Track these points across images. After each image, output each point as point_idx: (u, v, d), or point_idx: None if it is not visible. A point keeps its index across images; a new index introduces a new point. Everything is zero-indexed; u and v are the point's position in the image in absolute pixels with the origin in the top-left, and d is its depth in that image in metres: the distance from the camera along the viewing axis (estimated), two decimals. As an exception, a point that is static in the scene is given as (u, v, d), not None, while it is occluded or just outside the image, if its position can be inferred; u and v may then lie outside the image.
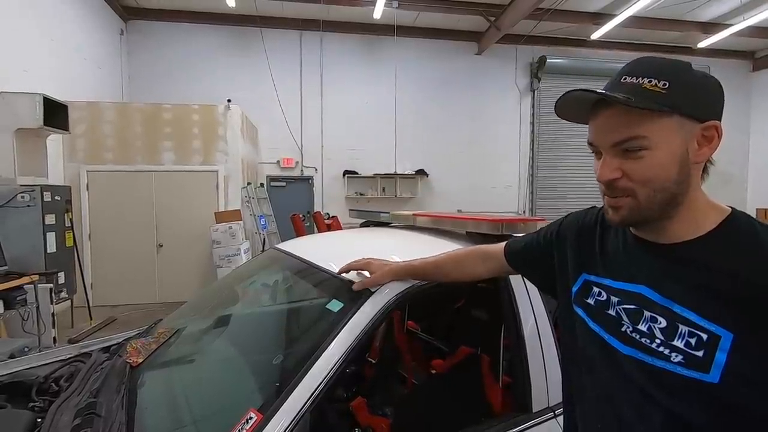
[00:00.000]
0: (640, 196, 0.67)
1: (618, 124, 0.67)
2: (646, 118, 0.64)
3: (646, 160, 0.65)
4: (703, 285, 0.64)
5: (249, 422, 0.91)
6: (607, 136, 0.68)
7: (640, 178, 0.66)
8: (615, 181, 0.68)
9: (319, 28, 8.33)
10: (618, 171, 0.67)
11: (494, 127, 9.34)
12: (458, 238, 1.60)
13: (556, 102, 0.73)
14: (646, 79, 0.65)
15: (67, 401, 1.35)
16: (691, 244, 0.68)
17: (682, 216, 0.68)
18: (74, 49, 6.20)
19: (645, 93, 0.64)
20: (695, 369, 0.63)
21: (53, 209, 4.53)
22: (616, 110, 0.67)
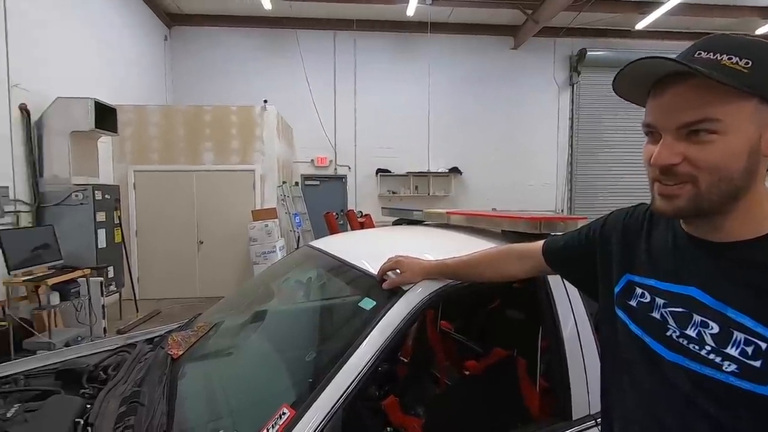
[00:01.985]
0: (702, 184, 0.60)
1: (690, 103, 0.59)
2: (723, 98, 0.57)
3: (715, 146, 0.58)
4: (763, 289, 0.58)
5: (282, 417, 0.92)
6: (675, 116, 0.60)
7: (705, 165, 0.59)
8: (674, 166, 0.60)
9: (352, 28, 8.38)
10: (679, 155, 0.60)
11: (531, 123, 9.09)
12: (493, 237, 1.56)
13: (617, 74, 0.65)
14: (726, 56, 0.57)
15: (113, 389, 1.42)
16: (750, 244, 0.61)
17: (741, 212, 0.62)
18: (122, 56, 6.55)
19: (724, 70, 0.56)
20: (750, 380, 0.57)
21: (104, 207, 4.81)
22: (689, 87, 0.59)
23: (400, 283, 1.16)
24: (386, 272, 1.21)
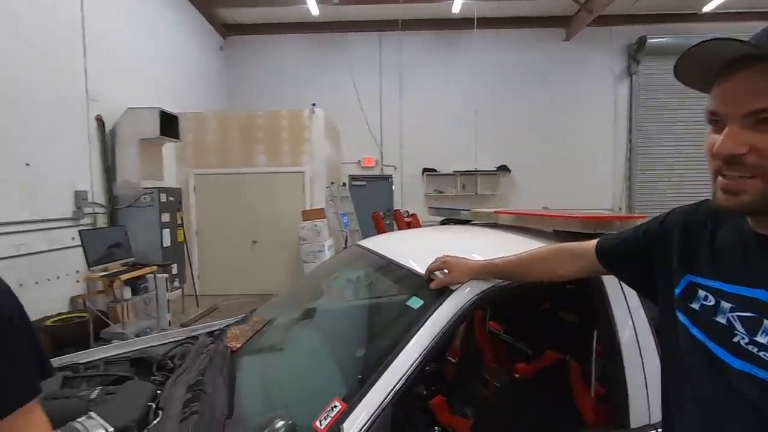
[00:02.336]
0: None
1: (759, 89, 0.54)
2: None
3: None
4: None
5: (334, 410, 0.96)
6: (742, 103, 0.56)
7: None
8: (740, 156, 0.56)
9: (398, 28, 8.42)
10: (745, 145, 0.56)
11: (585, 118, 8.67)
12: (544, 237, 1.52)
13: (679, 57, 0.60)
14: None
15: (179, 377, 1.53)
16: None
17: None
18: (182, 66, 7.00)
19: None
20: None
21: (168, 209, 5.17)
22: (759, 72, 0.54)
23: (448, 283, 1.16)
24: (433, 272, 1.22)
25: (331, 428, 0.92)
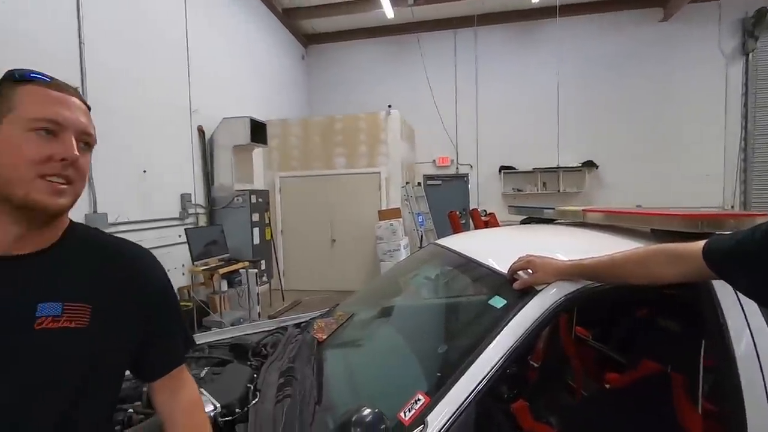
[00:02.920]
0: None
1: None
2: None
3: None
4: None
5: (417, 403, 0.98)
6: None
7: None
8: None
9: (473, 24, 8.25)
10: None
11: (687, 105, 7.75)
12: (639, 237, 1.41)
13: None
14: None
15: (273, 364, 1.67)
16: None
17: None
18: (268, 77, 7.53)
19: None
20: None
21: (257, 209, 5.61)
22: None
23: (533, 283, 1.13)
24: (517, 271, 1.19)
25: (415, 420, 0.94)
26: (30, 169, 0.67)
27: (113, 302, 0.77)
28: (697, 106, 7.74)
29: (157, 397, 0.91)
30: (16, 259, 0.70)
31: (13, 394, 0.66)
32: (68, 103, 0.72)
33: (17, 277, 0.70)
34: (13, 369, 0.66)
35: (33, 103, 0.69)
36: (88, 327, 0.72)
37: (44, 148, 0.68)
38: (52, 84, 0.72)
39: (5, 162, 0.67)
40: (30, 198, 0.67)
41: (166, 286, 0.91)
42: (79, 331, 0.72)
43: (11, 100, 0.68)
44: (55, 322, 0.70)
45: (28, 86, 0.70)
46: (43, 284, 0.71)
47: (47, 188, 0.68)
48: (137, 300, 0.82)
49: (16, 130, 0.67)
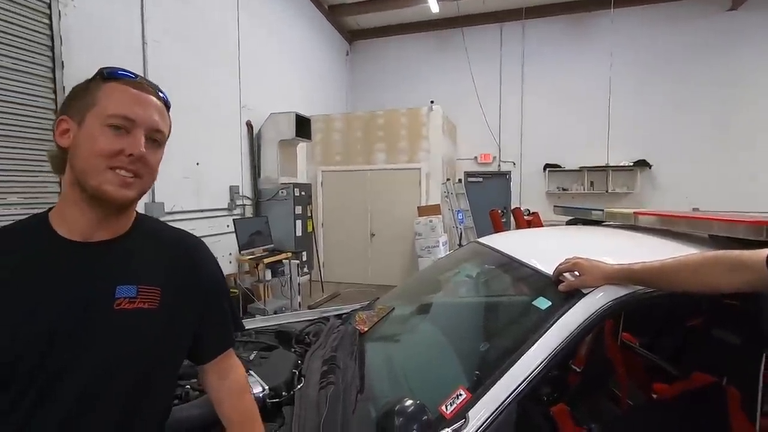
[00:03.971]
0: None
1: None
2: None
3: None
4: None
5: (459, 398, 1.01)
6: None
7: None
8: None
9: (521, 17, 8.01)
10: None
11: (755, 101, 7.17)
12: (695, 242, 1.35)
13: None
14: None
15: (315, 352, 1.74)
16: None
17: None
18: (313, 73, 7.69)
19: None
20: None
21: (300, 202, 5.77)
22: None
23: (579, 286, 1.12)
24: (562, 273, 1.18)
25: (457, 414, 0.97)
26: (102, 161, 0.73)
27: (177, 286, 0.85)
28: (766, 104, 7.14)
29: (207, 380, 0.99)
30: (96, 245, 0.78)
31: (96, 367, 0.74)
32: (144, 100, 0.77)
33: (97, 261, 0.77)
34: (98, 344, 0.74)
35: (112, 100, 0.75)
36: (158, 308, 0.80)
37: (116, 143, 0.73)
38: (133, 82, 0.78)
39: (84, 153, 0.74)
40: (101, 188, 0.73)
41: (219, 274, 0.99)
42: (152, 312, 0.79)
43: (96, 96, 0.75)
44: (131, 303, 0.78)
45: (112, 83, 0.76)
46: (120, 268, 0.79)
47: (116, 180, 0.74)
48: (196, 285, 0.89)
49: (95, 125, 0.74)
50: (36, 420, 0.71)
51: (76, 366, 0.72)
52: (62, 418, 0.72)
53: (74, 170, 0.75)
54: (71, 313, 0.73)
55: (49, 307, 0.72)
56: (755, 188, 7.18)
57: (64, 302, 0.73)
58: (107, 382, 0.75)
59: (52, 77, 3.15)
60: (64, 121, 0.76)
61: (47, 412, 0.71)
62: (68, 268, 0.75)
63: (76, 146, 0.74)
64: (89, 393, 0.73)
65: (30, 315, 0.71)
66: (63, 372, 0.71)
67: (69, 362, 0.72)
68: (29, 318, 0.70)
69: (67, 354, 0.72)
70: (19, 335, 0.69)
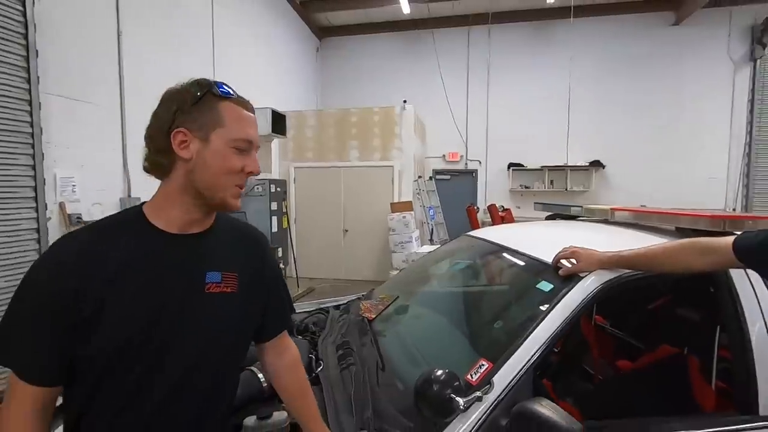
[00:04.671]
0: None
1: None
2: None
3: None
4: None
5: (482, 368, 1.16)
6: None
7: None
8: None
9: (487, 22, 8.35)
10: None
11: (696, 109, 7.91)
12: (664, 234, 1.58)
13: None
14: None
15: (325, 339, 1.85)
16: None
17: None
18: (285, 69, 7.66)
19: None
20: None
21: (276, 198, 5.77)
22: None
23: (577, 271, 1.30)
24: (561, 260, 1.36)
25: (481, 381, 1.12)
26: (230, 178, 0.83)
27: (250, 273, 0.96)
28: (703, 111, 7.90)
29: (265, 357, 1.10)
30: (189, 237, 0.87)
31: (195, 343, 0.84)
32: (254, 122, 0.88)
33: (192, 251, 0.87)
34: (195, 322, 0.84)
35: (235, 123, 0.83)
36: (237, 292, 0.91)
37: (239, 162, 0.84)
38: (241, 102, 0.86)
39: (214, 170, 0.82)
40: (226, 201, 0.85)
41: (276, 262, 1.10)
42: (233, 295, 0.90)
43: (219, 115, 0.82)
44: (217, 287, 0.88)
45: (228, 104, 0.84)
46: (208, 257, 0.89)
47: (235, 193, 0.86)
48: (263, 272, 1.01)
49: (222, 145, 0.82)
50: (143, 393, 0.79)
51: (179, 343, 0.82)
52: (169, 386, 0.81)
53: (196, 182, 0.82)
54: (175, 296, 0.82)
55: (156, 291, 0.81)
56: (695, 187, 7.92)
57: (168, 287, 0.82)
58: (203, 356, 0.85)
59: (26, 66, 3.03)
60: (181, 133, 0.81)
61: (154, 383, 0.80)
62: (169, 257, 0.84)
63: (203, 162, 0.82)
64: (189, 365, 0.83)
65: (140, 299, 0.79)
66: (169, 348, 0.81)
67: (173, 339, 0.81)
68: (140, 302, 0.79)
69: (172, 332, 0.81)
70: (133, 317, 0.78)
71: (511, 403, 1.05)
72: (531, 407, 0.98)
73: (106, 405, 0.79)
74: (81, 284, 0.75)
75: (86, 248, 0.78)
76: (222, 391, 0.92)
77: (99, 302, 0.75)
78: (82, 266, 0.76)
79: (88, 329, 0.75)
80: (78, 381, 0.79)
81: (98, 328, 0.75)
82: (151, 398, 0.80)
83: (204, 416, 0.88)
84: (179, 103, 0.82)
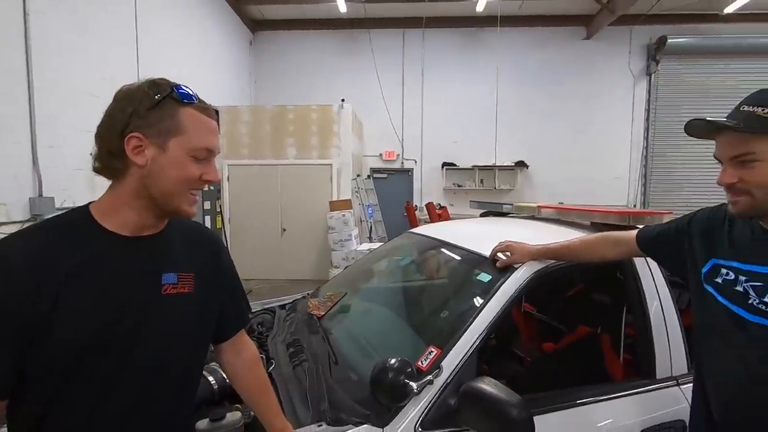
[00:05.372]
0: (757, 196, 0.86)
1: (734, 143, 0.87)
2: (757, 138, 0.84)
3: (757, 170, 0.85)
4: None
5: (431, 354, 1.26)
6: (726, 151, 0.89)
7: (754, 183, 0.86)
8: (732, 185, 0.89)
9: (422, 26, 8.63)
10: (734, 177, 0.88)
11: (603, 116, 8.84)
12: (581, 228, 1.79)
13: (685, 127, 0.93)
14: (760, 108, 0.84)
15: (274, 338, 1.86)
16: None
17: None
18: (216, 61, 7.32)
19: (757, 119, 0.83)
20: None
21: (209, 197, 5.52)
22: (732, 132, 0.87)
23: (512, 262, 1.45)
24: (498, 253, 1.51)
25: (431, 366, 1.22)
26: (186, 186, 0.83)
27: (206, 272, 0.96)
28: (610, 118, 8.85)
29: (223, 357, 1.10)
30: (143, 239, 0.86)
31: (158, 345, 0.83)
32: (215, 129, 0.86)
33: (146, 253, 0.86)
34: (154, 326, 0.83)
35: (196, 132, 0.81)
36: (194, 292, 0.91)
37: (197, 170, 0.83)
38: (203, 109, 0.84)
39: (170, 178, 0.80)
40: (181, 208, 0.84)
41: (231, 261, 1.11)
42: (190, 296, 0.90)
43: (177, 122, 0.79)
44: (174, 288, 0.88)
45: (188, 110, 0.81)
46: (162, 258, 0.88)
47: (190, 200, 0.85)
48: (218, 271, 1.01)
49: (181, 154, 0.80)
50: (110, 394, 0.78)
51: (140, 345, 0.81)
52: (136, 387, 0.80)
53: (151, 188, 0.80)
54: (132, 299, 0.81)
55: (112, 295, 0.79)
56: (604, 186, 8.85)
57: (124, 290, 0.81)
58: (166, 357, 0.85)
59: None
60: (136, 138, 0.78)
61: (120, 385, 0.79)
62: (123, 260, 0.82)
63: (159, 169, 0.79)
64: (153, 367, 0.83)
65: (95, 303, 0.77)
66: (130, 350, 0.80)
67: (133, 342, 0.80)
68: (95, 306, 0.77)
69: (131, 335, 0.80)
70: (88, 322, 0.76)
71: (459, 384, 1.16)
72: (476, 386, 1.10)
73: (72, 407, 0.77)
74: (33, 288, 0.72)
75: (36, 251, 0.75)
76: (188, 389, 0.92)
77: (52, 306, 0.73)
78: (33, 270, 0.73)
79: (42, 335, 0.72)
80: (35, 386, 0.75)
81: (53, 333, 0.73)
82: (120, 400, 0.79)
83: (174, 415, 0.88)
84: (135, 105, 0.79)
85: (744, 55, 8.37)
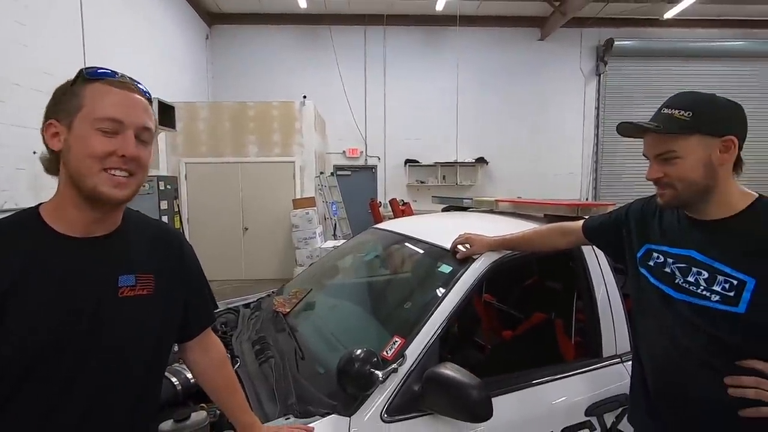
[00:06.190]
0: (679, 188, 0.97)
1: (657, 142, 0.98)
2: (677, 137, 0.94)
3: (678, 166, 0.95)
4: (734, 247, 0.94)
5: (395, 344, 1.31)
6: (651, 150, 1.00)
7: (676, 177, 0.96)
8: (658, 179, 0.99)
9: (383, 23, 8.67)
10: (660, 172, 0.98)
11: (557, 114, 9.25)
12: (534, 220, 1.90)
13: (618, 127, 1.04)
14: (677, 110, 0.95)
15: (239, 337, 1.84)
16: (726, 220, 0.97)
17: (717, 201, 0.97)
18: (170, 55, 7.03)
19: (676, 121, 0.94)
20: (728, 304, 0.92)
21: (165, 197, 5.31)
22: (654, 136, 0.98)
23: (471, 254, 1.52)
24: (457, 245, 1.58)
25: (396, 355, 1.27)
26: (95, 163, 0.76)
27: (167, 272, 0.95)
28: (564, 116, 9.27)
29: (190, 356, 1.09)
30: (96, 240, 0.83)
31: (116, 348, 0.82)
32: (130, 100, 0.79)
33: (100, 254, 0.83)
34: (109, 330, 0.81)
35: (98, 102, 0.76)
36: (154, 293, 0.89)
37: (107, 145, 0.76)
38: (116, 82, 0.79)
39: (77, 156, 0.76)
40: (97, 189, 0.76)
41: (196, 258, 1.10)
42: (150, 297, 0.89)
43: (81, 98, 0.76)
44: (131, 290, 0.86)
45: (96, 84, 0.78)
46: (119, 260, 0.86)
47: (110, 181, 0.77)
48: (181, 270, 1.00)
49: (85, 128, 0.76)
50: (68, 397, 0.76)
51: (97, 348, 0.80)
52: (94, 389, 0.79)
53: (69, 172, 0.77)
54: (86, 302, 0.79)
55: (64, 299, 0.77)
56: (559, 180, 9.27)
57: (78, 293, 0.78)
58: (125, 360, 0.84)
59: None
60: (52, 125, 0.77)
61: (78, 388, 0.77)
62: (75, 263, 0.80)
63: (68, 150, 0.76)
64: (112, 369, 0.82)
65: (47, 307, 0.75)
66: (87, 354, 0.79)
67: (90, 345, 0.79)
68: (47, 311, 0.75)
69: (88, 338, 0.79)
70: (40, 326, 0.74)
71: (422, 371, 1.21)
72: (439, 371, 1.15)
73: (27, 408, 0.75)
74: None
75: None
76: (151, 391, 0.91)
77: (1, 310, 0.71)
78: None
79: None
80: None
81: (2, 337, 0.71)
82: (78, 401, 0.78)
83: (136, 417, 0.87)
84: (56, 94, 0.79)
85: (682, 57, 9.01)
